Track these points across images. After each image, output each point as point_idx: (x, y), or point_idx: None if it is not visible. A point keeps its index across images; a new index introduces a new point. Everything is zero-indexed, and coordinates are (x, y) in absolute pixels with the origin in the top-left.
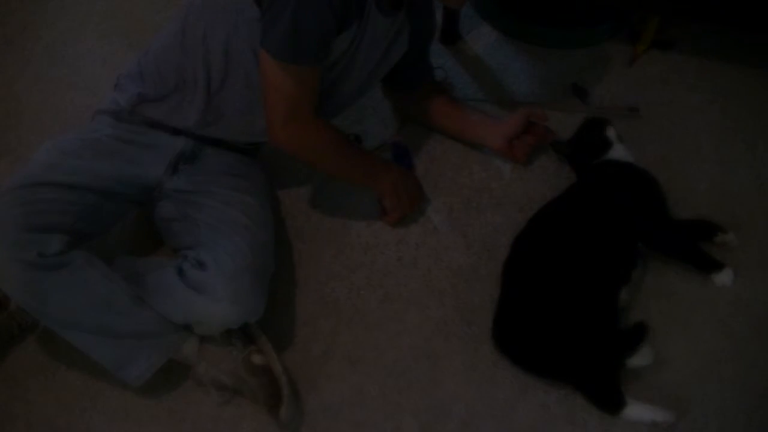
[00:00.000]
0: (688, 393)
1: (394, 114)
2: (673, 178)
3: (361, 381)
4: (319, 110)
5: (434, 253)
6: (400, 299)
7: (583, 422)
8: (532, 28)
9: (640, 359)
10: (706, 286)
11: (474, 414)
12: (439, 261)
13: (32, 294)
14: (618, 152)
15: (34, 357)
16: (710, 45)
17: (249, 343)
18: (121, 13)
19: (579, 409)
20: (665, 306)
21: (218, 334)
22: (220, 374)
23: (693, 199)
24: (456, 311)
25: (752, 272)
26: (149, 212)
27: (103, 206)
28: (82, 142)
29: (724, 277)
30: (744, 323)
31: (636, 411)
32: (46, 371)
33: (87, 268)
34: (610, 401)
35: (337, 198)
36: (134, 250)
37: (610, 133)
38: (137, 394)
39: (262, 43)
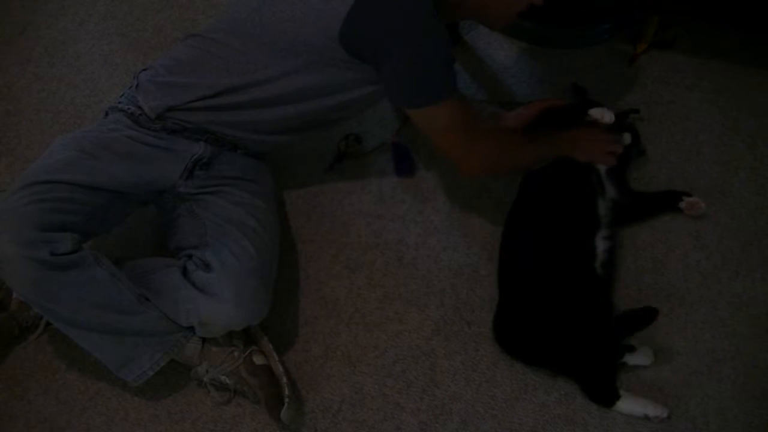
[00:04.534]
0: (688, 393)
1: (394, 114)
2: (673, 178)
3: (361, 381)
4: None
5: (434, 253)
6: (400, 299)
7: (583, 422)
8: (532, 28)
9: (640, 359)
10: (706, 286)
11: (474, 413)
12: (439, 261)
13: (42, 292)
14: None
15: (34, 357)
16: (710, 45)
17: (250, 344)
18: (121, 13)
19: (579, 409)
20: (665, 306)
21: (220, 335)
22: (221, 374)
23: None
24: (456, 311)
25: (752, 272)
26: (155, 209)
27: (113, 206)
28: (99, 141)
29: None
30: (744, 323)
31: (629, 404)
32: (46, 371)
33: (95, 266)
34: (604, 394)
35: (337, 198)
36: (133, 250)
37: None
38: (137, 394)
39: (410, 101)
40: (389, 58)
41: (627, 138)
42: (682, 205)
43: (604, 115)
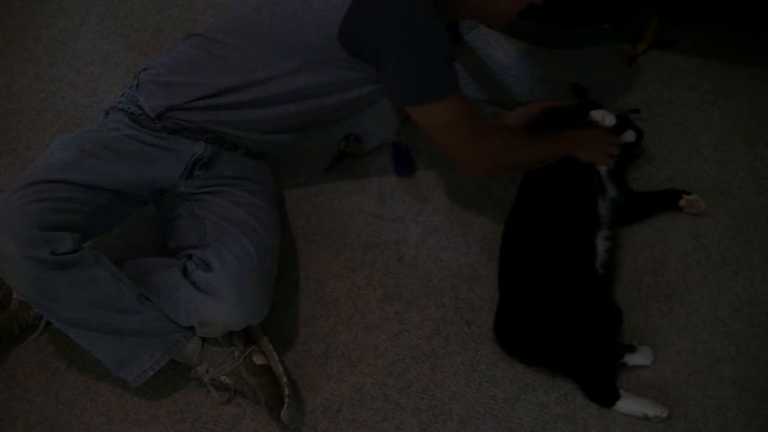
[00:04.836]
0: (688, 393)
1: (395, 114)
2: (673, 178)
3: (361, 381)
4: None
5: (434, 253)
6: (400, 299)
7: (583, 422)
8: (532, 28)
9: (640, 359)
10: (706, 286)
11: (474, 413)
12: (439, 261)
13: (42, 292)
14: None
15: (34, 357)
16: (710, 45)
17: (250, 344)
18: (121, 13)
19: (579, 409)
20: (665, 306)
21: (221, 335)
22: (221, 374)
23: None
24: (456, 311)
25: (752, 272)
26: (155, 209)
27: (113, 206)
28: (99, 141)
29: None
30: (744, 323)
31: (629, 404)
32: (46, 371)
33: (95, 266)
34: (605, 394)
35: (337, 198)
36: (133, 250)
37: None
38: (137, 394)
39: (410, 99)
40: (389, 56)
41: (630, 135)
42: (681, 203)
43: (605, 117)
